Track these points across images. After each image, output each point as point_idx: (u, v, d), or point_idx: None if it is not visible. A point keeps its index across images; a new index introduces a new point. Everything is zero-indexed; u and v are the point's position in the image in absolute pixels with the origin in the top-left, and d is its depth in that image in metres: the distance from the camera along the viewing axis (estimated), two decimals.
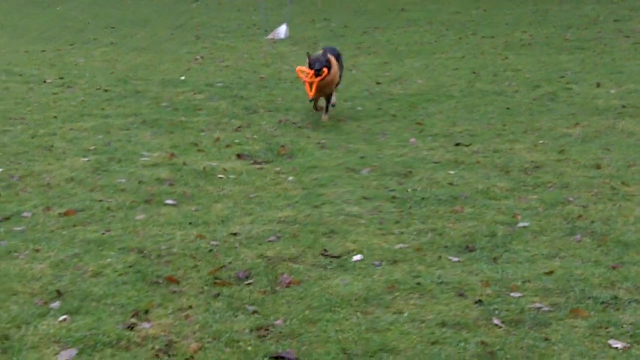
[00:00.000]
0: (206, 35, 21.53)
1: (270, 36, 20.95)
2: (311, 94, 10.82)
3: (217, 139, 10.19)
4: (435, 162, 9.04)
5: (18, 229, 6.94)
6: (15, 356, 4.72)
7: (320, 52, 11.07)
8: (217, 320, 5.19)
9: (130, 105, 12.30)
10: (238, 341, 4.91)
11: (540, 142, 9.90)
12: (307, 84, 10.84)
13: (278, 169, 8.90)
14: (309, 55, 11.05)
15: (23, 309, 5.33)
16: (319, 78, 10.63)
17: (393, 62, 16.71)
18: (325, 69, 10.66)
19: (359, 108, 12.22)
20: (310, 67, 10.74)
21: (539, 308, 5.34)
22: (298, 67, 11.06)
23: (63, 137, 10.25)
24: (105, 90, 13.56)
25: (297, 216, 7.25)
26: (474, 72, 15.16)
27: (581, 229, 6.87)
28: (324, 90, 11.05)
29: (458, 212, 7.32)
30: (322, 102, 11.60)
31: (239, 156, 9.38)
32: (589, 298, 5.50)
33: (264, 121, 11.30)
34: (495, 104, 12.32)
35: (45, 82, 14.47)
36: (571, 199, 7.67)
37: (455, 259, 6.23)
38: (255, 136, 10.41)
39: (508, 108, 11.99)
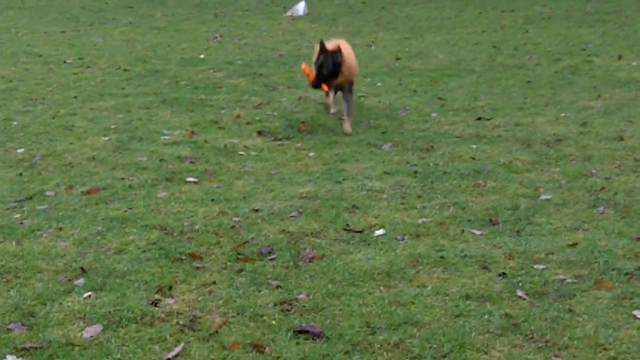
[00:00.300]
0: (225, 14, 21.51)
1: (289, 13, 20.93)
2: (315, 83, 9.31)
3: (238, 117, 10.19)
4: (457, 137, 9.01)
5: (41, 207, 6.97)
6: (41, 332, 4.74)
7: (329, 54, 9.09)
8: (240, 295, 5.20)
9: (150, 85, 12.31)
10: (262, 315, 4.92)
11: (562, 115, 9.85)
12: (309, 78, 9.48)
13: (299, 145, 8.89)
14: (321, 46, 9.16)
15: (48, 287, 5.35)
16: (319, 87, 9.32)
17: (413, 38, 16.64)
18: (324, 87, 9.23)
19: (379, 84, 12.18)
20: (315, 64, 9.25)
21: (563, 280, 5.32)
22: (303, 65, 9.56)
23: (84, 117, 10.27)
24: (125, 70, 13.58)
25: (319, 192, 7.24)
26: (494, 47, 15.09)
27: (604, 201, 6.83)
28: (336, 85, 9.50)
29: (480, 186, 7.30)
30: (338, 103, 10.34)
31: (259, 133, 9.37)
32: (613, 269, 5.48)
33: (284, 98, 11.29)
34: (517, 77, 12.26)
35: (65, 62, 14.49)
36: (594, 171, 7.63)
37: (478, 233, 6.21)
38: (275, 113, 10.40)
39: (529, 82, 11.93)
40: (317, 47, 9.33)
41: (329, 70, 9.05)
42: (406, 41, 16.28)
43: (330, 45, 9.27)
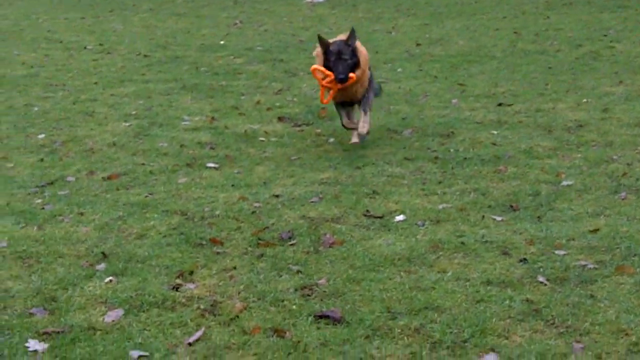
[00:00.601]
0: (245, 0, 21.48)
1: None
2: (325, 99, 7.83)
3: (258, 102, 10.19)
4: (478, 123, 8.98)
5: (62, 193, 6.99)
6: (63, 317, 4.76)
7: (343, 37, 7.75)
8: (261, 280, 5.20)
9: (170, 71, 12.34)
10: (283, 300, 4.92)
11: (584, 101, 9.79)
12: (322, 88, 7.80)
13: (319, 130, 8.88)
14: (325, 43, 7.71)
15: (69, 271, 5.38)
16: (340, 85, 7.65)
17: (433, 24, 16.58)
18: (352, 76, 7.59)
19: (399, 70, 12.15)
20: (328, 64, 7.65)
21: (584, 265, 5.30)
22: (313, 67, 7.80)
23: (104, 103, 10.31)
24: (145, 56, 13.61)
25: (339, 177, 7.23)
26: (515, 32, 15.02)
27: (626, 187, 6.79)
28: (349, 93, 7.88)
29: (501, 172, 7.27)
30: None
31: (279, 119, 9.37)
32: (635, 255, 5.44)
33: (304, 84, 11.28)
34: (538, 63, 12.20)
35: (85, 48, 14.54)
36: (615, 157, 7.58)
37: (499, 218, 6.19)
38: (295, 99, 10.40)
39: (550, 67, 11.87)
40: (318, 49, 7.84)
41: (350, 56, 7.57)
42: (426, 27, 16.23)
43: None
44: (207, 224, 6.18)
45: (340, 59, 7.53)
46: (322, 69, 7.65)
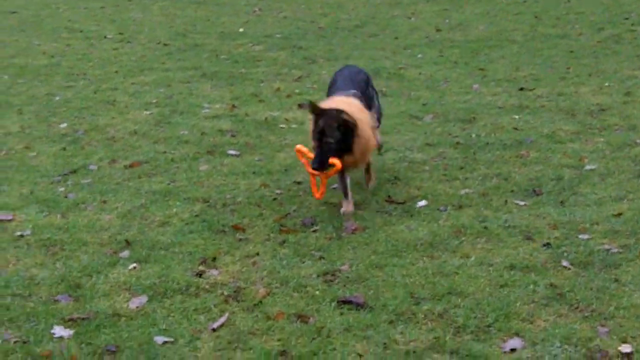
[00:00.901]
0: None
1: None
2: (318, 194, 5.97)
3: (278, 89, 10.18)
4: (499, 107, 8.94)
5: (85, 181, 7.02)
6: (88, 304, 4.79)
7: (330, 113, 5.82)
8: (284, 266, 5.21)
9: (190, 59, 12.34)
10: (305, 286, 4.92)
11: (606, 84, 9.73)
12: (312, 179, 6.08)
13: None
14: (315, 111, 5.88)
15: (93, 259, 5.40)
16: (325, 173, 5.84)
17: (453, 9, 16.51)
18: (335, 163, 5.75)
19: (420, 55, 12.11)
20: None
21: (608, 250, 5.27)
22: (297, 147, 6.07)
23: (125, 92, 10.32)
24: (165, 45, 13.61)
25: None
26: (536, 17, 14.94)
27: None
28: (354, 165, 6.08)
29: (523, 157, 7.24)
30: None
31: (299, 106, 9.36)
32: None
33: (324, 71, 11.25)
34: (559, 47, 12.13)
35: (105, 37, 14.56)
36: (638, 140, 7.54)
37: (522, 203, 6.17)
38: (315, 86, 10.38)
39: (572, 51, 11.80)
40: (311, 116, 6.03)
41: (336, 139, 5.77)
42: (446, 12, 16.16)
43: (331, 103, 6.07)
44: (229, 211, 6.19)
45: (323, 141, 5.81)
46: (304, 150, 5.99)
